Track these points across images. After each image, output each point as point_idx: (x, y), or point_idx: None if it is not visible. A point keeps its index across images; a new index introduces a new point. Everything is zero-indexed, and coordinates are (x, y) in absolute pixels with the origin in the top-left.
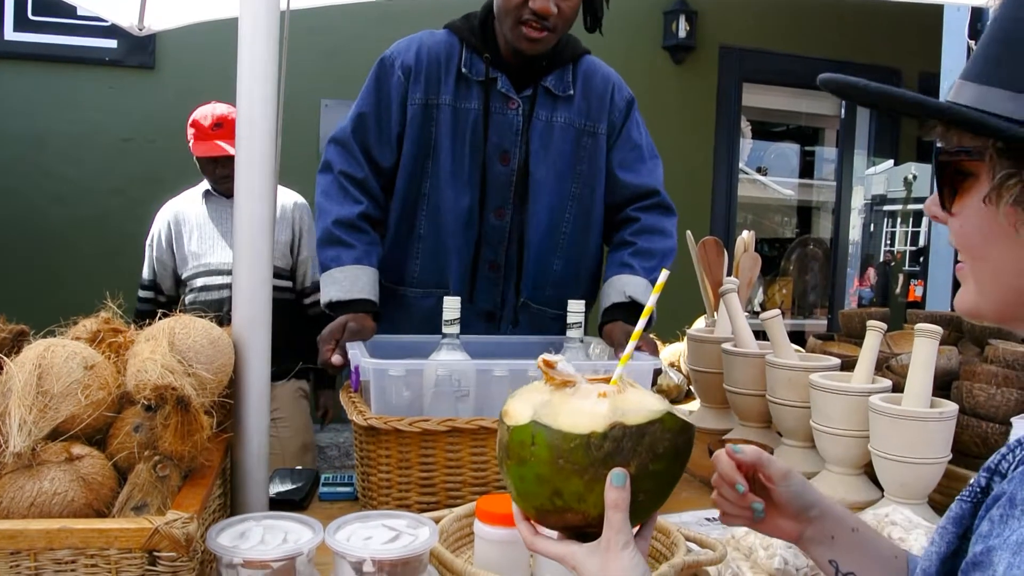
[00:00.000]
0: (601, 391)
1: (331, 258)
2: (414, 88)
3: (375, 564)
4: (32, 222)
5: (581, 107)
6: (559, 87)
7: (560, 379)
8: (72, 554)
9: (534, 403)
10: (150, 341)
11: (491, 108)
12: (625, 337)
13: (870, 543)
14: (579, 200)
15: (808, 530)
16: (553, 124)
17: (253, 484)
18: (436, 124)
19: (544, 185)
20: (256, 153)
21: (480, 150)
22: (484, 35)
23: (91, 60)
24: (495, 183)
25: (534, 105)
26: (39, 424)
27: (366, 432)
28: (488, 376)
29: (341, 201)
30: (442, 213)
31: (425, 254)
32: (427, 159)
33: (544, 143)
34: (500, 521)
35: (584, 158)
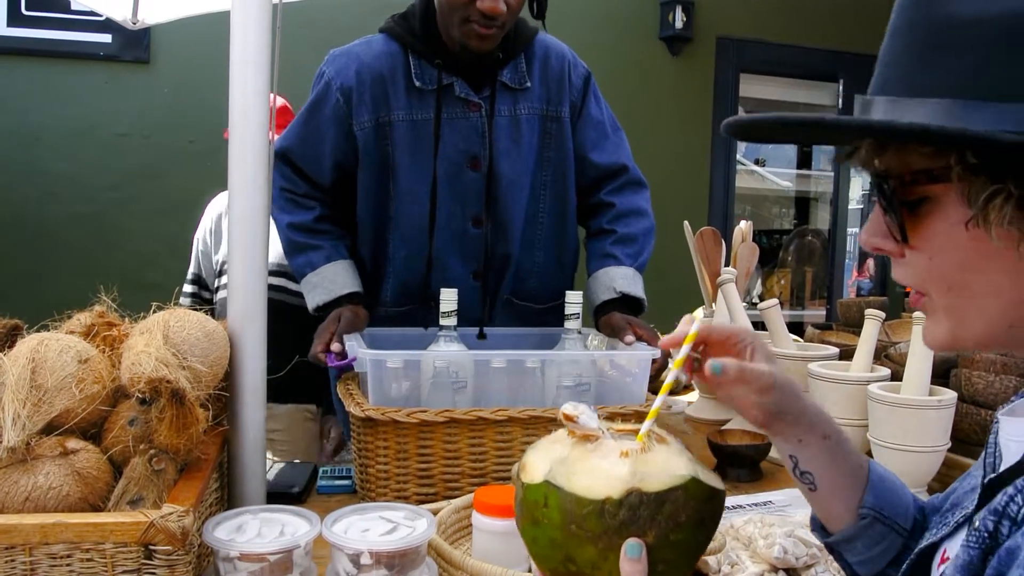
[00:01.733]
0: (624, 449)
1: (303, 264)
2: (359, 111)
3: (372, 556)
4: (26, 218)
5: (541, 94)
6: (515, 79)
7: (581, 433)
8: (67, 548)
9: (552, 458)
10: (144, 334)
11: (452, 115)
12: (625, 321)
13: (837, 453)
14: (552, 187)
15: (776, 425)
16: (518, 117)
17: (250, 477)
18: (391, 142)
19: (516, 182)
20: (249, 145)
21: (446, 160)
22: (428, 37)
23: (86, 55)
24: (468, 192)
25: (494, 103)
26: (33, 418)
27: (364, 423)
28: (486, 367)
29: (290, 209)
30: (415, 231)
31: (399, 273)
32: (388, 179)
33: (513, 139)
34: (498, 512)
35: (551, 144)
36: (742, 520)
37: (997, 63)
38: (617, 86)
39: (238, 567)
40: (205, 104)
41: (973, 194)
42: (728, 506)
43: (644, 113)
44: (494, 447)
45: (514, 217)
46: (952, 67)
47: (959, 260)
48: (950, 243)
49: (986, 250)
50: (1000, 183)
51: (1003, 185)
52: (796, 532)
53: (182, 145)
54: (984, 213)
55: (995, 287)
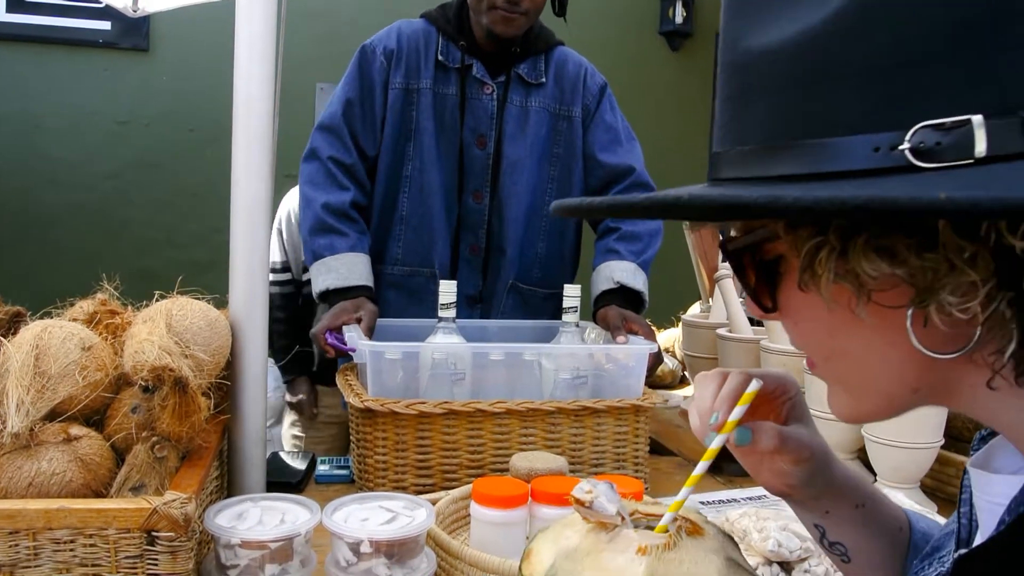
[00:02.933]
0: (642, 545)
1: (324, 246)
2: (395, 72)
3: (372, 545)
4: (26, 205)
5: (554, 93)
6: (531, 75)
7: (596, 520)
8: (71, 534)
9: (559, 549)
10: (147, 323)
11: (467, 93)
12: (620, 318)
13: (872, 520)
14: (558, 182)
15: (800, 495)
16: (528, 109)
17: (250, 466)
18: (417, 108)
19: (520, 168)
20: (253, 133)
21: (457, 134)
22: (459, 24)
23: (85, 42)
24: (472, 166)
25: (507, 90)
26: (37, 405)
27: (363, 414)
28: (484, 359)
29: (328, 188)
30: (424, 195)
31: (408, 235)
32: (408, 142)
33: (519, 127)
34: (496, 503)
35: (560, 141)
36: (737, 513)
37: (792, 100)
38: (617, 81)
39: (239, 554)
40: (204, 92)
41: (800, 250)
42: (722, 499)
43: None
44: (492, 439)
45: (513, 199)
46: (755, 110)
47: (827, 325)
48: (805, 306)
49: (833, 314)
50: (822, 235)
51: (825, 237)
52: (790, 526)
53: (181, 133)
54: (811, 270)
55: (874, 350)
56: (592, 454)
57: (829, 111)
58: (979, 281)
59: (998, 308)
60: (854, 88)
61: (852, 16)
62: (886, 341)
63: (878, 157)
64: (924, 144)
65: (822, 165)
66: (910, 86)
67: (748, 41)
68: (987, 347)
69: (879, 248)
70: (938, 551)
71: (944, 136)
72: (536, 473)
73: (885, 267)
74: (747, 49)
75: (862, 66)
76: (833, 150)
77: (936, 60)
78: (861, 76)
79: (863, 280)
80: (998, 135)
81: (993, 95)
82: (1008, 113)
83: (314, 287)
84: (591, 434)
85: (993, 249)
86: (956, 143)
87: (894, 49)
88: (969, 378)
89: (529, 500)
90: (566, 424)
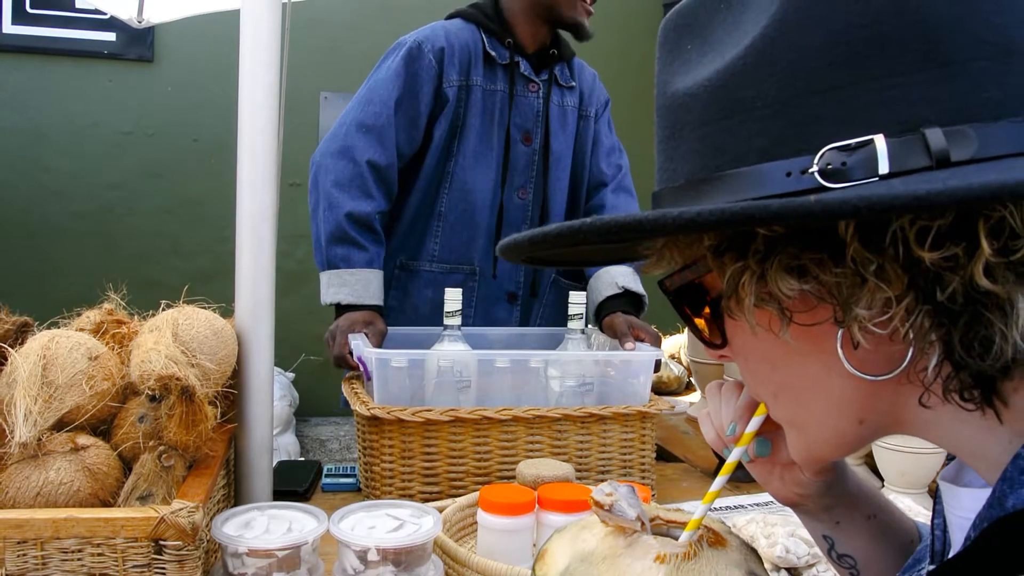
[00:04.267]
0: (661, 553)
1: (340, 257)
2: (449, 70)
3: (379, 553)
4: (32, 216)
5: (581, 94)
6: (563, 77)
7: (614, 523)
8: (79, 543)
9: (575, 551)
10: (154, 332)
11: (515, 90)
12: (627, 325)
13: (883, 532)
14: (582, 179)
15: (810, 505)
16: (565, 108)
17: (257, 474)
18: (467, 105)
19: (562, 164)
20: (258, 141)
21: (504, 130)
22: (501, 22)
23: (90, 53)
24: (517, 163)
25: (551, 89)
26: (44, 414)
27: (369, 422)
28: (490, 367)
29: (356, 196)
30: (466, 192)
31: (446, 232)
32: (454, 139)
33: (561, 124)
34: (503, 510)
35: (579, 141)
36: (744, 519)
37: (711, 135)
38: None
39: (246, 563)
40: (208, 103)
41: (725, 277)
42: (729, 506)
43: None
44: (498, 446)
45: (557, 195)
46: (683, 149)
47: (766, 357)
48: (741, 340)
49: (765, 343)
50: (743, 260)
51: (745, 262)
52: (798, 532)
53: (186, 144)
54: (736, 296)
55: (812, 379)
56: (599, 461)
57: (743, 142)
58: (894, 297)
59: (919, 322)
60: (764, 119)
61: (758, 53)
62: (822, 366)
63: (791, 181)
64: (831, 166)
65: (741, 193)
66: (815, 113)
67: (675, 85)
68: (919, 365)
69: (790, 268)
70: (919, 563)
71: (849, 157)
72: (543, 480)
73: (797, 284)
74: (674, 92)
75: (769, 97)
76: (749, 178)
77: (837, 88)
78: (769, 107)
79: (782, 301)
80: (900, 153)
81: (893, 116)
82: (909, 131)
83: (325, 296)
84: (598, 441)
85: (904, 263)
86: (861, 162)
87: (798, 80)
88: (911, 400)
89: (536, 507)
90: (572, 431)
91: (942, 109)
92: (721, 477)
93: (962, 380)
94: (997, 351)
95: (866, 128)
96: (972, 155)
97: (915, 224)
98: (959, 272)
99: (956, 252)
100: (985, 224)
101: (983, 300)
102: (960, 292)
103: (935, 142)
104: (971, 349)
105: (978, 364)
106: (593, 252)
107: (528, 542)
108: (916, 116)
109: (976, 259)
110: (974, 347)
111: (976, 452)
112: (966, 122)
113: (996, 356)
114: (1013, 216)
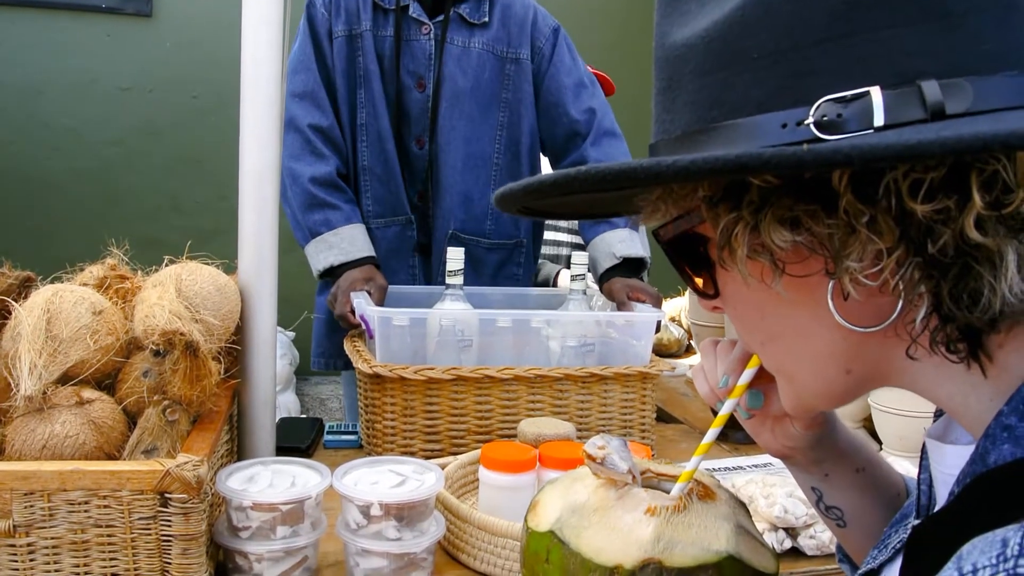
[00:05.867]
0: (652, 505)
1: (319, 222)
2: (336, 20)
3: (382, 508)
4: (30, 173)
5: (500, 34)
6: (474, 15)
7: (606, 476)
8: (85, 495)
9: (567, 503)
10: (157, 287)
11: (404, 35)
12: (625, 290)
13: (871, 485)
14: (507, 129)
15: (800, 457)
16: (470, 49)
17: (260, 430)
18: (362, 53)
19: (462, 112)
20: (261, 97)
21: (396, 77)
22: None
23: (88, 7)
24: (413, 110)
25: (446, 30)
26: (49, 368)
27: (371, 380)
28: (492, 326)
29: (310, 160)
30: (382, 141)
31: (374, 184)
32: (358, 89)
33: (461, 69)
34: (505, 467)
35: (509, 86)
36: (743, 480)
37: (708, 86)
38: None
39: (250, 516)
40: (208, 59)
41: (719, 227)
42: (728, 467)
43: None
44: (500, 405)
45: (455, 145)
46: (679, 101)
47: (757, 306)
48: (731, 289)
49: (757, 292)
50: (737, 211)
51: (739, 213)
52: (796, 492)
53: (185, 100)
54: (729, 247)
55: (802, 328)
56: (599, 421)
57: (740, 93)
58: (885, 249)
59: (909, 275)
60: (761, 69)
61: (757, 4)
62: (812, 316)
63: (786, 133)
64: (827, 117)
65: (737, 144)
66: (811, 64)
67: (673, 36)
68: (907, 317)
69: (784, 219)
70: (906, 518)
71: (845, 108)
72: (544, 438)
73: (790, 235)
74: (672, 43)
75: (767, 49)
76: (745, 129)
77: (835, 39)
78: (766, 58)
79: (775, 252)
80: (895, 105)
81: (890, 68)
82: (905, 84)
83: (315, 265)
84: (598, 401)
85: (896, 215)
86: (856, 114)
87: (794, 31)
88: (898, 352)
89: (537, 465)
90: (573, 391)
91: (939, 61)
92: (713, 429)
93: (949, 333)
94: (985, 303)
95: (863, 80)
96: (967, 108)
97: (908, 176)
98: (950, 225)
99: (948, 205)
100: (978, 177)
101: (973, 253)
102: (951, 245)
103: (931, 94)
104: (960, 301)
105: (966, 316)
106: (588, 202)
107: (529, 499)
108: (913, 68)
109: (968, 211)
110: (963, 299)
111: (960, 407)
112: (963, 75)
113: (984, 308)
114: (1006, 169)
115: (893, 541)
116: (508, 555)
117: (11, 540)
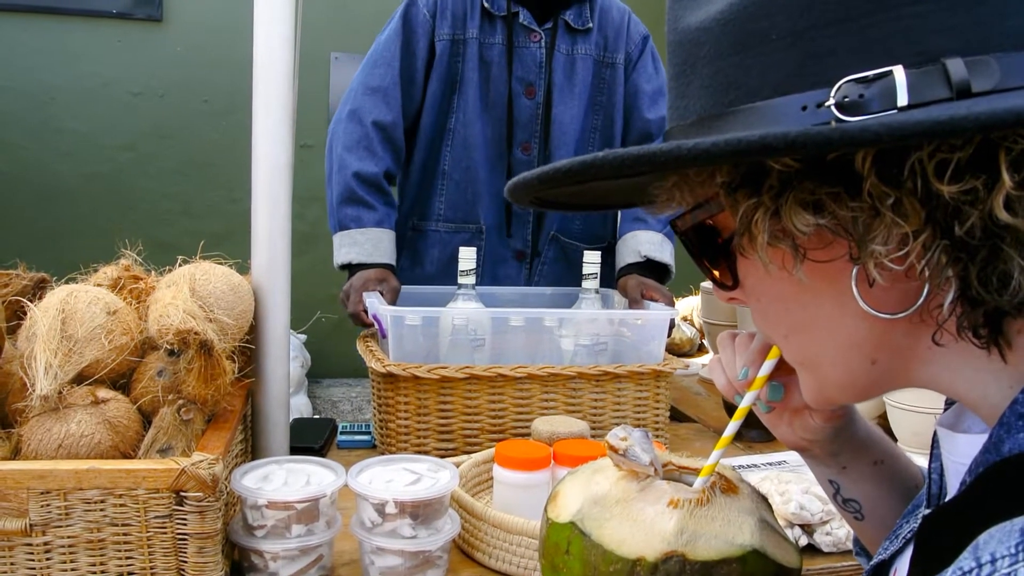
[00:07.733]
0: (675, 498)
1: (351, 218)
2: (441, 24)
3: (397, 506)
4: (43, 177)
5: (599, 40)
6: (578, 21)
7: (628, 468)
8: (101, 494)
9: (588, 494)
10: (171, 287)
11: (514, 42)
12: (639, 288)
13: (889, 478)
14: (601, 132)
15: (817, 450)
16: (574, 57)
17: (274, 429)
18: (463, 59)
19: (568, 118)
20: (273, 95)
21: (506, 84)
22: None
23: (99, 13)
24: (521, 117)
25: (555, 38)
26: (64, 368)
27: (384, 379)
28: (504, 325)
29: (363, 156)
30: (469, 148)
31: (451, 190)
32: (453, 94)
33: (567, 76)
34: (519, 465)
35: (604, 89)
36: (758, 478)
37: (724, 69)
38: None
39: (266, 515)
40: (219, 63)
41: (738, 214)
42: (743, 464)
43: None
44: (513, 404)
45: (561, 150)
46: (695, 85)
47: (779, 296)
48: (755, 280)
49: (779, 282)
50: (757, 196)
51: (759, 199)
52: (812, 489)
53: (196, 104)
54: (748, 233)
55: (826, 317)
56: (613, 419)
57: (757, 76)
58: (911, 232)
59: (935, 258)
60: (779, 51)
61: None
62: (836, 305)
63: (806, 115)
64: (848, 98)
65: (755, 128)
66: (831, 45)
67: (687, 19)
68: (934, 302)
69: (806, 203)
70: (917, 508)
71: (867, 89)
72: (558, 436)
73: (813, 219)
74: (686, 27)
75: (784, 29)
76: (763, 112)
77: (854, 18)
78: (784, 39)
79: (797, 238)
80: (919, 84)
81: (912, 46)
82: (928, 62)
83: (337, 257)
84: (612, 399)
85: (921, 197)
86: (879, 94)
87: (813, 11)
88: (923, 339)
89: (552, 463)
90: (587, 389)
91: (963, 38)
92: (734, 423)
93: (975, 318)
94: (1015, 286)
95: (884, 59)
96: (994, 85)
97: (934, 157)
98: (978, 206)
99: (976, 185)
100: (1007, 156)
101: (1002, 234)
102: (979, 226)
103: (956, 72)
104: (988, 284)
105: (995, 300)
106: (601, 193)
107: (544, 497)
108: (936, 46)
109: (996, 192)
110: (992, 282)
111: (980, 397)
112: (988, 51)
113: (1014, 292)
114: None
115: (904, 531)
116: (523, 553)
117: (28, 539)
